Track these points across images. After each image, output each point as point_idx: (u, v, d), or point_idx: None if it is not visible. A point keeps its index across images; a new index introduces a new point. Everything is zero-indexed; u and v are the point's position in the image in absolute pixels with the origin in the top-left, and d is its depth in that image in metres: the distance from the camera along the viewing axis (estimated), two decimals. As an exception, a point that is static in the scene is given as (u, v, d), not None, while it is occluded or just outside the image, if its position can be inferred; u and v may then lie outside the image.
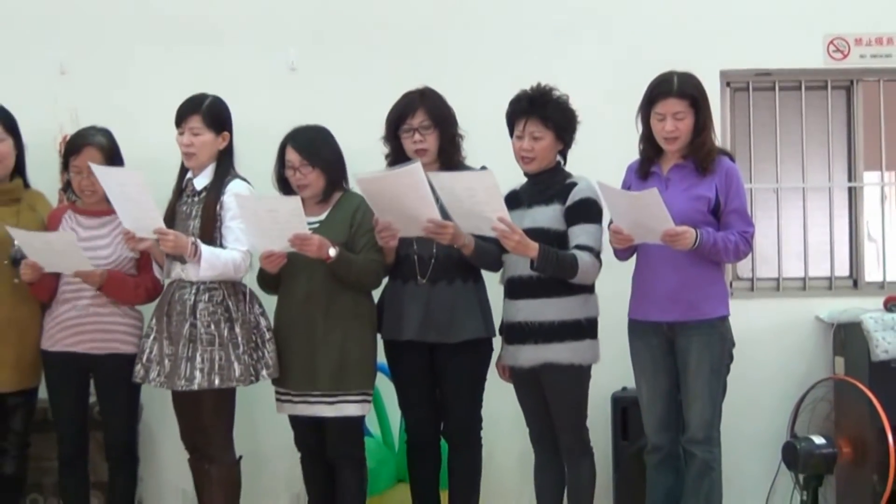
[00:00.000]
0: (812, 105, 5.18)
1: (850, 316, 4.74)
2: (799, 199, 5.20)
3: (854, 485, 4.48)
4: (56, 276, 4.07)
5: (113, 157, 4.08)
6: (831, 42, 5.02)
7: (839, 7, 5.01)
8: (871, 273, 5.22)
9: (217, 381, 3.93)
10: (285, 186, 4.13)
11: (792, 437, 4.35)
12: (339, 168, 4.13)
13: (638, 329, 3.98)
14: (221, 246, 3.97)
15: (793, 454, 4.18)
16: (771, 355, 4.86)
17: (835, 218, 5.19)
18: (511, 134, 4.04)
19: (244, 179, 4.10)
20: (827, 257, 5.19)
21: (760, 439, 4.71)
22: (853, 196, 5.21)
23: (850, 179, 5.21)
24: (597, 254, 3.93)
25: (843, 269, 5.20)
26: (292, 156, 4.06)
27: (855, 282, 5.19)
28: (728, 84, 5.09)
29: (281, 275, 4.05)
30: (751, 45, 4.96)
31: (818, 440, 4.20)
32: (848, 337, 4.74)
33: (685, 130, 3.85)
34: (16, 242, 3.98)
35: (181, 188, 4.13)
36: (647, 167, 3.95)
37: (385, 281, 4.18)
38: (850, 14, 5.00)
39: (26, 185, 4.29)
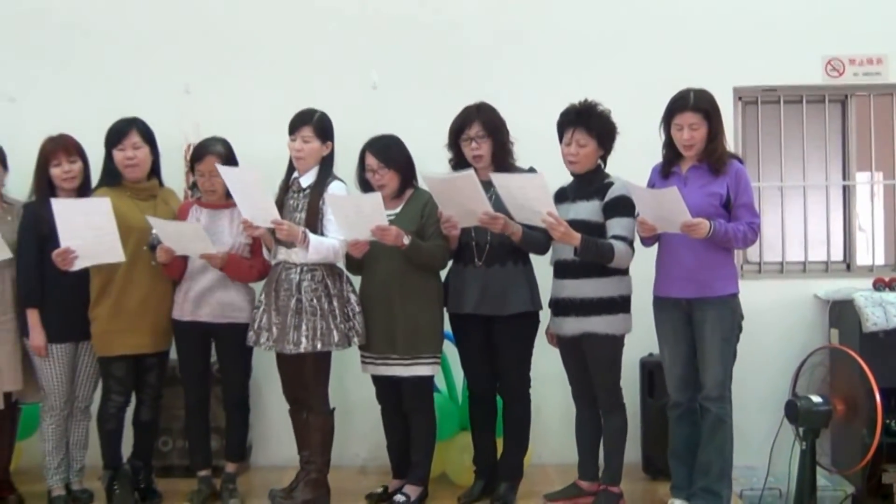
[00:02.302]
0: (812, 116, 5.13)
1: (843, 294, 4.71)
2: (800, 195, 5.17)
3: (846, 437, 4.44)
4: (185, 259, 4.09)
5: (229, 161, 4.08)
6: (829, 62, 4.99)
7: (836, 32, 4.96)
8: (862, 258, 5.18)
9: (319, 346, 3.96)
10: (365, 186, 4.15)
11: (793, 396, 4.30)
12: (409, 169, 4.14)
13: (661, 304, 3.99)
14: (322, 235, 3.99)
15: (794, 411, 4.14)
16: (775, 327, 4.84)
17: (831, 211, 5.15)
18: (560, 140, 4.03)
19: (342, 181, 4.10)
20: (824, 244, 5.15)
21: (766, 397, 4.68)
22: (847, 193, 5.16)
23: (844, 178, 5.16)
24: (630, 242, 3.92)
25: (837, 254, 5.17)
26: (370, 160, 4.09)
27: (848, 265, 5.15)
28: (739, 98, 5.06)
29: (364, 259, 4.05)
30: (759, 65, 4.93)
31: (816, 399, 4.16)
32: (842, 312, 4.71)
33: (700, 138, 3.84)
34: (153, 231, 4.00)
35: (288, 185, 4.12)
36: (668, 168, 3.95)
37: (449, 263, 4.18)
38: (846, 38, 4.96)
39: (161, 184, 4.30)
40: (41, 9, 4.99)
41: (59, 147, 4.15)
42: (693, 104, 3.83)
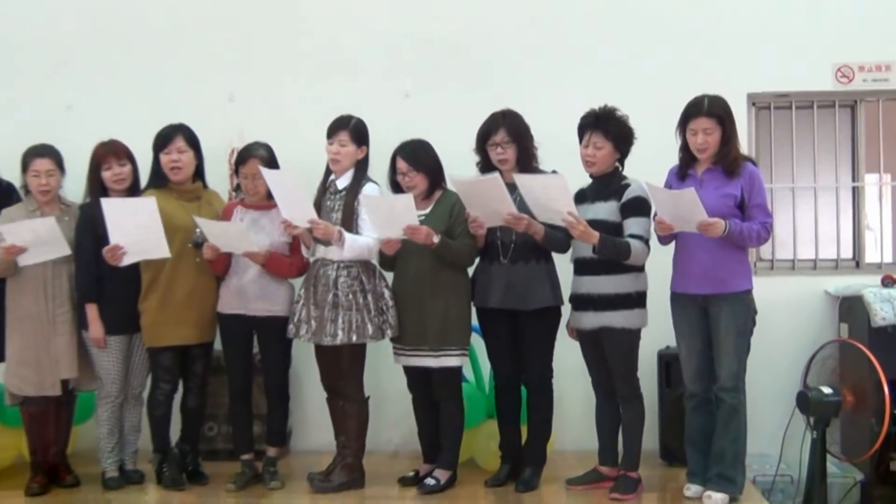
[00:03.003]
0: (822, 120, 5.08)
1: (853, 290, 4.67)
2: (811, 196, 5.12)
3: (855, 426, 4.42)
4: (229, 255, 4.11)
5: (271, 165, 4.07)
6: (839, 69, 4.94)
7: (845, 40, 4.91)
8: (871, 256, 5.12)
9: (354, 338, 3.97)
10: (397, 188, 4.14)
11: (804, 387, 4.28)
12: (438, 172, 4.13)
13: (678, 300, 3.97)
14: (357, 234, 4.00)
15: (805, 401, 4.12)
16: (787, 321, 4.79)
17: (840, 211, 5.10)
18: (580, 142, 4.03)
19: (375, 183, 4.11)
20: (834, 243, 5.10)
21: (778, 388, 4.65)
22: (856, 194, 5.11)
23: (853, 180, 5.11)
24: (646, 241, 3.91)
25: (847, 252, 5.12)
26: (401, 164, 4.08)
27: (857, 263, 5.09)
28: (753, 104, 5.02)
29: (397, 257, 4.06)
30: (772, 73, 4.89)
31: (826, 390, 4.13)
32: (851, 307, 4.67)
33: (714, 142, 3.82)
34: (198, 230, 4.03)
35: (325, 187, 4.13)
36: (684, 171, 3.93)
37: (476, 261, 4.17)
38: (855, 46, 4.91)
39: (205, 186, 4.32)
40: (96, 24, 5.06)
41: (110, 151, 4.19)
42: (707, 110, 3.82)
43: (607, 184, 4.01)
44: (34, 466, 4.28)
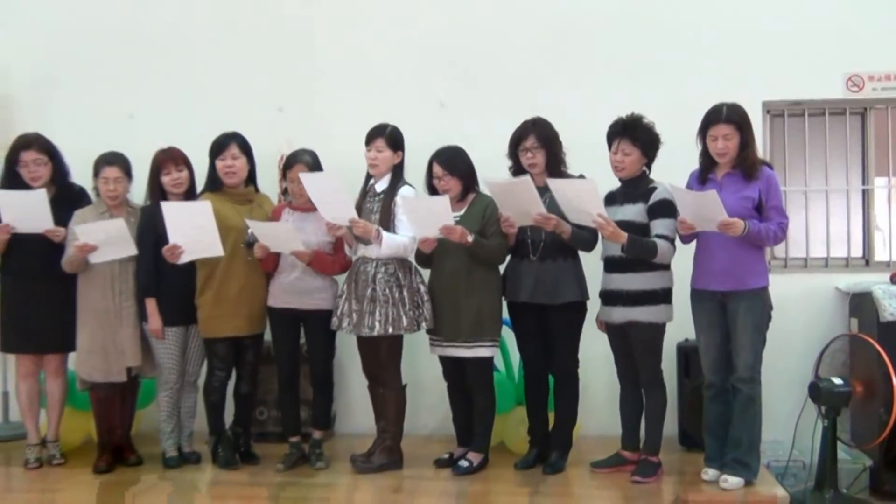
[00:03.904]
0: (834, 127, 5.02)
1: (862, 287, 4.61)
2: (823, 198, 5.06)
3: (865, 415, 4.35)
4: (278, 254, 4.13)
5: (315, 170, 4.09)
6: (849, 78, 4.87)
7: (856, 51, 4.84)
8: (880, 254, 5.05)
9: (391, 330, 3.99)
10: (433, 192, 4.13)
11: (816, 379, 4.23)
12: (471, 176, 4.12)
13: (698, 296, 3.93)
14: (394, 233, 4.01)
15: (817, 391, 4.07)
16: (801, 316, 4.74)
17: (851, 212, 5.03)
18: (609, 149, 4.02)
19: (411, 186, 4.12)
20: (845, 242, 5.04)
21: (792, 379, 4.59)
22: (866, 196, 5.04)
23: (863, 183, 5.04)
24: (672, 240, 3.90)
25: (857, 251, 5.05)
26: (437, 168, 4.08)
27: (867, 261, 5.03)
28: (768, 111, 4.97)
29: (433, 255, 4.08)
30: (786, 82, 4.83)
31: (837, 381, 4.08)
32: (861, 303, 4.61)
33: (732, 148, 3.79)
34: (249, 231, 4.05)
35: (365, 190, 4.16)
36: (705, 175, 3.90)
37: (507, 258, 4.17)
38: (865, 56, 4.84)
39: (256, 190, 4.36)
40: (156, 42, 5.14)
41: (169, 158, 4.23)
42: (726, 117, 3.78)
43: (635, 187, 3.99)
44: (101, 446, 4.34)
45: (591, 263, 4.15)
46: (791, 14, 4.88)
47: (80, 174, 4.39)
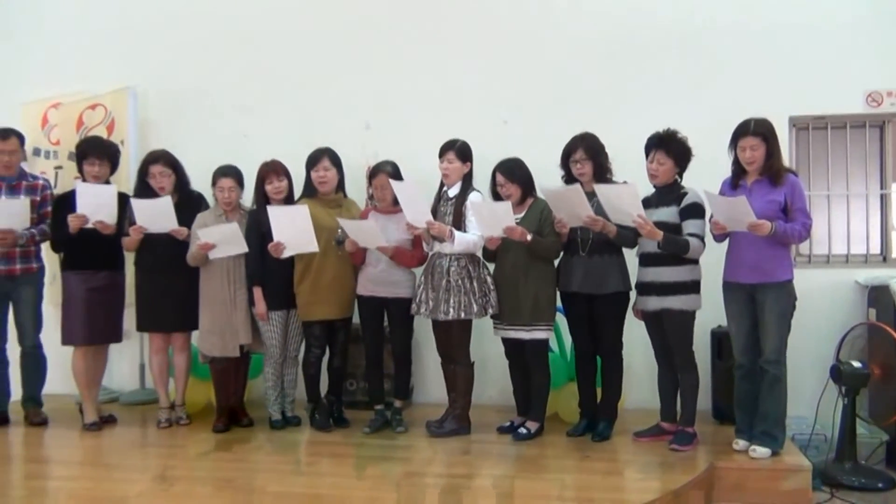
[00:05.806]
0: (854, 139, 4.87)
1: (880, 280, 4.48)
2: (844, 202, 4.92)
3: (882, 395, 4.22)
4: (365, 249, 4.17)
5: (396, 178, 4.10)
6: (869, 95, 4.72)
7: (876, 69, 4.69)
8: (896, 252, 4.91)
9: (462, 315, 4.01)
10: (496, 197, 4.11)
11: (838, 362, 4.13)
12: (529, 184, 4.11)
13: (730, 287, 3.87)
14: (465, 232, 4.03)
15: (838, 373, 3.98)
16: (823, 307, 4.62)
17: (870, 214, 4.88)
18: (646, 158, 4.00)
19: (479, 192, 4.14)
20: (864, 240, 4.89)
21: (815, 362, 4.48)
22: (883, 200, 4.88)
23: (881, 188, 4.88)
24: (702, 238, 3.85)
25: (875, 248, 4.89)
26: (500, 177, 4.08)
27: (884, 257, 4.87)
28: (794, 125, 4.85)
29: (497, 251, 4.08)
30: (810, 98, 4.71)
31: (856, 364, 3.98)
32: (878, 295, 4.47)
33: (759, 157, 3.72)
34: (339, 230, 4.10)
35: (439, 196, 4.19)
36: (736, 181, 3.84)
37: (561, 254, 4.14)
38: (883, 74, 4.69)
39: (345, 196, 4.41)
40: (265, 71, 5.25)
41: (271, 169, 4.29)
42: (753, 130, 3.72)
43: (668, 192, 3.96)
44: (219, 410, 4.43)
45: (632, 259, 4.10)
46: (815, 37, 4.75)
47: (202, 183, 4.50)
